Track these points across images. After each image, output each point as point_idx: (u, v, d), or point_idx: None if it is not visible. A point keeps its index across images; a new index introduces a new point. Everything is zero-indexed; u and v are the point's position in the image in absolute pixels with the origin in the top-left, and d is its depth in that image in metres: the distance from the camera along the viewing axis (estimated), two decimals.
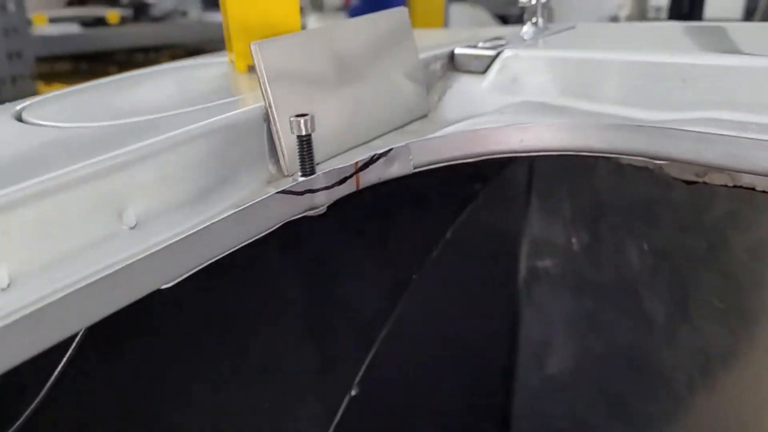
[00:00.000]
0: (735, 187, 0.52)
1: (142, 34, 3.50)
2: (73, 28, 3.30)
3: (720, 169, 0.48)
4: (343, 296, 0.68)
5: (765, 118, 0.49)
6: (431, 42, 0.74)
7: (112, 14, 3.51)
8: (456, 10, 4.23)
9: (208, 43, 3.03)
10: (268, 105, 0.51)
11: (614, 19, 4.73)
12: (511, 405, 0.90)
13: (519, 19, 0.78)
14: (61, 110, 0.59)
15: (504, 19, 3.92)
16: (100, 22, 3.48)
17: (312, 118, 0.49)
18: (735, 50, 0.58)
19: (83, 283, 0.36)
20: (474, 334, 0.84)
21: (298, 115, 0.49)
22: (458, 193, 0.75)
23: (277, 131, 0.51)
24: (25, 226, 0.37)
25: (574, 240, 0.82)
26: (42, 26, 3.22)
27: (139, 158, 0.43)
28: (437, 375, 0.78)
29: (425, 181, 0.75)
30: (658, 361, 0.78)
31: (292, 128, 0.49)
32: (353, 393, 0.64)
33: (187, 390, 0.62)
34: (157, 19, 3.70)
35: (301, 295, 0.66)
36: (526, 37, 0.75)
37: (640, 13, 4.03)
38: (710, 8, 1.85)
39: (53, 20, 3.29)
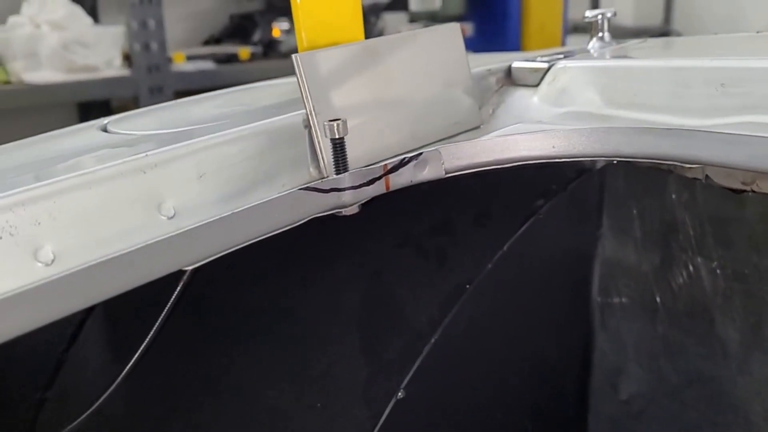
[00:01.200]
0: None
1: (270, 69, 3.70)
2: (208, 65, 3.55)
3: (762, 173, 0.46)
4: (396, 301, 0.70)
5: None
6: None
7: (244, 51, 3.74)
8: (575, 41, 4.16)
9: None
10: (308, 112, 0.54)
11: None
12: (586, 429, 0.88)
13: None
14: (139, 122, 0.66)
15: None
16: (233, 58, 3.72)
17: (344, 122, 0.51)
18: None
19: (111, 256, 0.41)
20: (535, 355, 0.83)
21: (331, 120, 0.52)
22: (518, 207, 0.75)
23: (316, 136, 0.54)
24: (70, 212, 0.43)
25: (646, 262, 0.79)
26: (180, 64, 3.48)
27: (178, 156, 0.47)
28: (492, 392, 0.77)
29: (486, 193, 0.75)
30: (733, 390, 0.73)
31: (325, 132, 0.52)
32: (400, 395, 0.66)
33: (244, 389, 0.66)
34: (284, 55, 3.90)
35: (355, 300, 0.69)
36: (592, 50, 0.75)
37: None
38: None
39: (190, 58, 3.55)
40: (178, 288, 0.54)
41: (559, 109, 0.61)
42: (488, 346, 0.75)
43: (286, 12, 4.18)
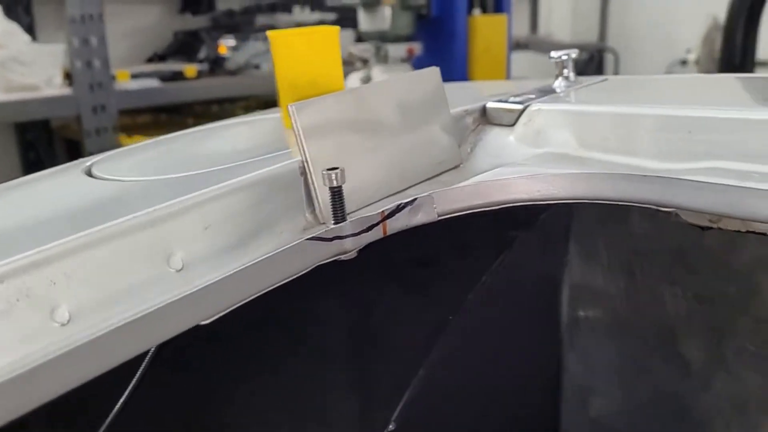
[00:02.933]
0: (748, 232, 0.53)
1: (217, 87, 3.68)
2: (153, 83, 3.50)
3: (729, 216, 0.50)
4: (382, 335, 0.73)
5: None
6: (485, 93, 0.78)
7: (190, 69, 3.70)
8: (518, 58, 4.28)
9: None
10: (304, 160, 0.56)
11: (683, 62, 4.69)
12: None
13: (582, 66, 0.82)
14: (122, 166, 0.67)
15: None
16: (179, 76, 3.67)
17: (342, 171, 0.54)
18: (757, 102, 0.60)
19: (131, 319, 0.42)
20: (514, 378, 0.86)
21: (329, 169, 0.54)
22: (494, 238, 0.79)
23: (312, 183, 0.56)
24: (83, 270, 0.43)
25: (612, 286, 0.83)
26: (124, 82, 3.42)
27: (184, 209, 0.49)
28: (476, 416, 0.80)
29: (462, 227, 0.78)
30: (696, 406, 0.78)
31: (324, 181, 0.54)
32: (391, 428, 0.68)
33: (235, 424, 0.67)
34: (231, 73, 3.88)
35: (343, 335, 0.71)
36: (558, 90, 0.79)
37: (708, 57, 3.99)
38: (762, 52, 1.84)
39: (135, 76, 3.50)
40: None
41: (537, 149, 0.65)
42: (470, 374, 0.78)
43: (232, 29, 4.16)
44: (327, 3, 4.17)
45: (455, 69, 3.49)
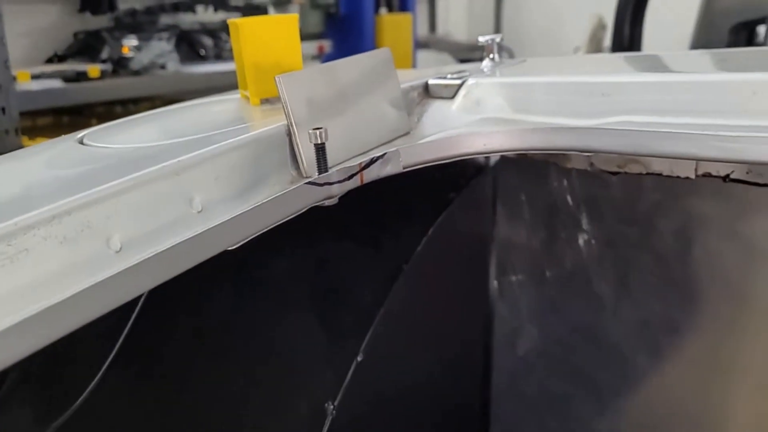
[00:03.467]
0: (648, 174, 0.68)
1: (121, 87, 3.63)
2: (56, 83, 3.41)
3: (634, 160, 0.64)
4: (347, 281, 0.84)
5: (664, 119, 0.66)
6: (406, 78, 0.90)
7: (93, 69, 3.63)
8: (422, 55, 4.47)
9: (185, 94, 3.19)
10: (290, 123, 0.66)
11: None
12: (490, 383, 1.05)
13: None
14: (113, 136, 0.74)
15: (465, 63, 4.18)
16: (82, 77, 3.60)
17: (326, 130, 0.64)
18: (646, 70, 0.75)
19: (168, 247, 0.51)
20: (454, 322, 0.99)
21: (315, 128, 0.64)
22: (434, 201, 0.91)
23: (297, 143, 0.66)
24: (130, 208, 0.52)
25: (534, 239, 0.98)
26: (25, 83, 3.32)
27: (201, 161, 0.58)
28: (429, 349, 0.92)
29: (410, 190, 0.90)
30: (608, 335, 0.93)
31: (311, 139, 0.64)
32: (359, 359, 0.78)
33: (219, 359, 0.76)
34: (136, 73, 3.83)
35: (313, 282, 0.81)
36: (485, 69, 0.92)
37: (595, 52, 4.30)
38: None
39: (36, 76, 3.40)
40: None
41: (476, 116, 0.78)
42: (421, 315, 0.90)
43: (134, 29, 4.10)
44: (231, 2, 4.19)
45: None
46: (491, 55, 0.93)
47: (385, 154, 0.68)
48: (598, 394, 0.97)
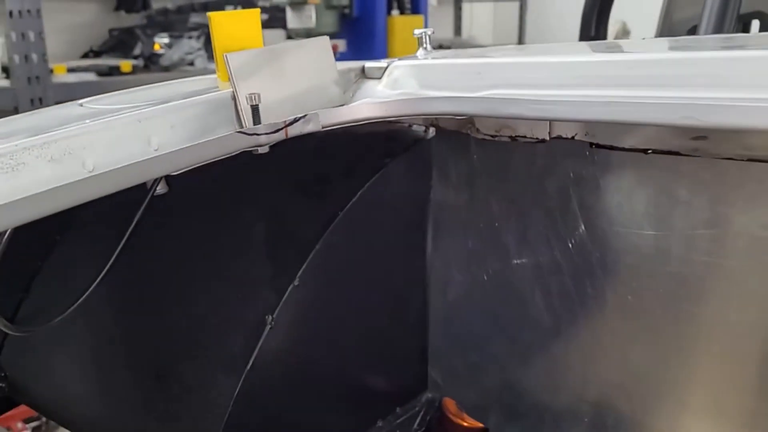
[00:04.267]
0: (514, 138, 0.87)
1: (152, 81, 3.85)
2: (90, 77, 3.67)
3: (505, 125, 0.84)
4: (289, 221, 1.05)
5: (528, 91, 0.85)
6: None
7: (125, 64, 3.89)
8: None
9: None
10: (234, 90, 0.87)
11: None
12: (428, 326, 1.25)
13: None
14: (103, 100, 0.96)
15: None
16: (115, 71, 3.85)
17: (259, 94, 0.85)
18: (525, 54, 0.95)
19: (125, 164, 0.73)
20: (392, 271, 1.19)
21: (251, 93, 0.85)
22: (372, 162, 1.11)
23: (239, 105, 0.87)
24: (101, 141, 0.73)
25: (459, 199, 1.17)
26: (62, 75, 3.57)
27: (159, 113, 0.79)
28: (365, 288, 1.13)
29: (349, 153, 1.11)
30: (513, 279, 1.12)
31: (248, 100, 0.85)
32: (296, 283, 0.99)
33: (185, 276, 0.98)
34: (166, 69, 4.08)
35: (260, 220, 1.03)
36: (419, 56, 1.12)
37: None
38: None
39: (72, 70, 3.66)
40: (146, 201, 0.85)
41: (394, 91, 0.98)
42: (357, 255, 1.11)
43: (166, 27, 4.36)
44: (258, 3, 4.43)
45: None
46: (424, 45, 1.13)
47: (306, 115, 0.89)
48: (508, 331, 1.16)
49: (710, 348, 0.99)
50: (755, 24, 2.07)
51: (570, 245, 1.03)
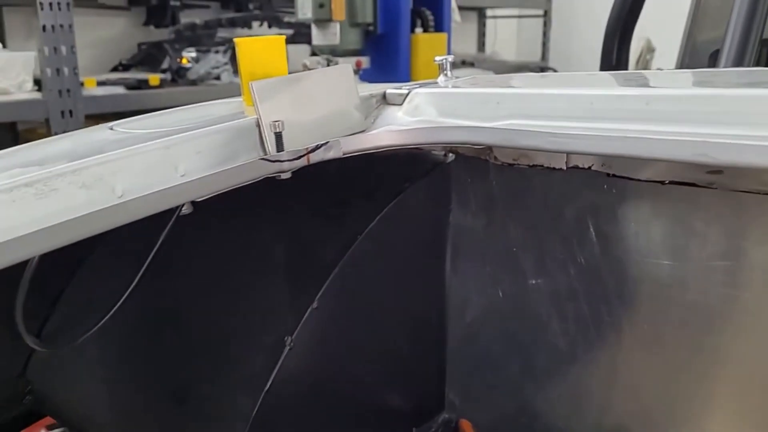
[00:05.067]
0: (532, 166, 0.88)
1: (178, 95, 3.93)
2: (119, 90, 3.74)
3: (523, 154, 0.85)
4: (309, 245, 1.07)
5: (546, 122, 0.86)
6: None
7: (153, 78, 3.96)
8: (465, 73, 4.69)
9: None
10: (258, 117, 0.89)
11: None
12: (446, 347, 1.27)
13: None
14: (133, 124, 0.99)
15: None
16: (143, 84, 3.92)
17: (283, 122, 0.87)
18: (544, 86, 0.96)
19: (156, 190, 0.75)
20: (411, 293, 1.21)
21: (275, 120, 0.87)
22: (392, 186, 1.14)
23: (263, 132, 0.89)
24: (130, 168, 0.76)
25: (477, 224, 1.19)
26: (92, 88, 3.64)
27: (185, 140, 0.81)
28: (382, 309, 1.15)
29: (370, 178, 1.13)
30: (530, 302, 1.13)
31: (272, 127, 0.87)
32: (314, 306, 1.01)
33: (208, 297, 1.00)
34: (192, 83, 4.14)
35: (281, 243, 1.05)
36: (440, 83, 1.14)
37: None
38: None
39: (101, 83, 3.73)
40: (170, 222, 0.88)
41: (414, 119, 1.00)
42: (377, 280, 1.13)
43: (194, 41, 4.43)
44: (284, 19, 4.49)
45: (399, 81, 3.86)
46: (445, 71, 1.15)
47: (328, 142, 0.91)
48: (525, 355, 1.17)
49: (727, 378, 0.99)
50: None
51: (587, 272, 1.04)
